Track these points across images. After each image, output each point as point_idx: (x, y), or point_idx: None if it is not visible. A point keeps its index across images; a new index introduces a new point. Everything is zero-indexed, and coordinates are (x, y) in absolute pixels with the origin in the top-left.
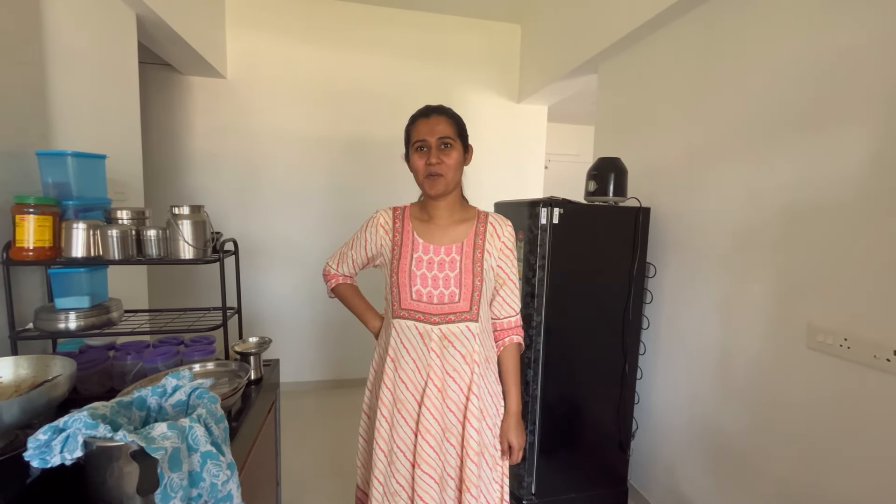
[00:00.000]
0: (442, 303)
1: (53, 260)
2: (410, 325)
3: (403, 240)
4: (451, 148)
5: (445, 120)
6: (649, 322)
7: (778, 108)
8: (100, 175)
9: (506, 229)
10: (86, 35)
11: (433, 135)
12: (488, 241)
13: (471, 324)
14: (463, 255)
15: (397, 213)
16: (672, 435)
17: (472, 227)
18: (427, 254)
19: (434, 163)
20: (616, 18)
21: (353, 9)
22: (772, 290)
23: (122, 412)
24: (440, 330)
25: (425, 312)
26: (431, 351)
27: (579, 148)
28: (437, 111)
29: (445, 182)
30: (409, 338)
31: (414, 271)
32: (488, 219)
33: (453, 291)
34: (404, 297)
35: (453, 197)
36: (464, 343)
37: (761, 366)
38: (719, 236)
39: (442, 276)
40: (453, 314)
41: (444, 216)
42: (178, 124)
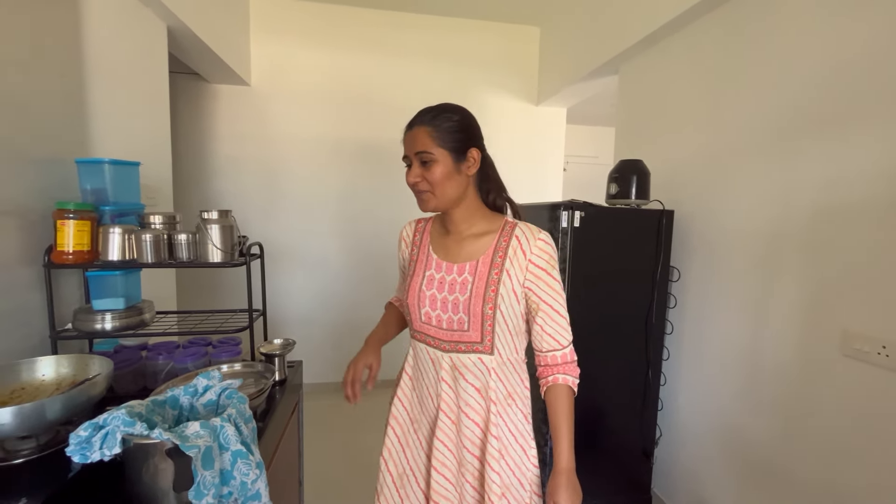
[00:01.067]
0: (451, 329)
1: (91, 263)
2: (423, 348)
3: (420, 255)
4: (432, 163)
5: (424, 131)
6: (673, 327)
7: (805, 106)
8: (134, 181)
9: (535, 244)
10: (121, 47)
11: (412, 149)
12: (510, 258)
13: (484, 356)
14: (476, 276)
15: (419, 226)
16: (697, 442)
17: (492, 242)
18: (440, 272)
19: (411, 182)
20: (637, 19)
21: (373, 14)
22: (803, 294)
23: (157, 410)
24: (450, 359)
25: (435, 338)
26: (442, 381)
27: (598, 150)
28: (418, 121)
29: (433, 198)
30: (423, 361)
31: (424, 291)
32: (514, 231)
33: (462, 318)
34: (415, 319)
35: (468, 207)
36: (477, 376)
37: (792, 373)
38: (746, 239)
39: (451, 298)
40: (463, 343)
41: (462, 229)
42: (204, 131)
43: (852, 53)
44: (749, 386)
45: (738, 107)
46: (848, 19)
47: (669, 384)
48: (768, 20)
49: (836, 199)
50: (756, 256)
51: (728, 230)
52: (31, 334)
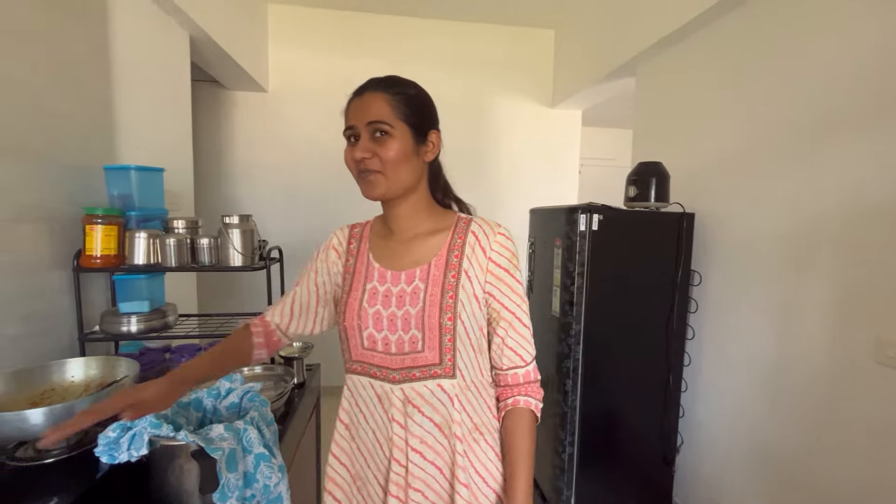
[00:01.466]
0: (402, 352)
1: (118, 267)
2: (365, 383)
3: (357, 265)
4: (389, 136)
5: (382, 98)
6: (694, 332)
7: (833, 106)
8: (158, 187)
9: (495, 238)
10: (146, 57)
11: (363, 118)
12: (468, 257)
13: (444, 381)
14: (429, 280)
15: (355, 231)
16: (720, 451)
17: (445, 240)
18: (384, 283)
19: (359, 157)
20: (655, 19)
21: (388, 21)
22: (834, 299)
23: (181, 412)
24: (402, 391)
25: (382, 366)
26: (393, 421)
27: (614, 152)
28: (373, 85)
29: (385, 181)
30: (366, 399)
31: (366, 309)
32: (470, 226)
33: (414, 336)
34: (354, 346)
35: (415, 201)
36: (437, 409)
37: (823, 381)
38: (773, 242)
39: (401, 313)
40: (417, 368)
41: (407, 228)
42: (223, 137)
43: (886, 48)
44: (776, 394)
45: (763, 107)
46: (881, 12)
47: (691, 390)
48: (793, 17)
49: (869, 200)
50: (783, 260)
51: (753, 233)
52: (60, 336)
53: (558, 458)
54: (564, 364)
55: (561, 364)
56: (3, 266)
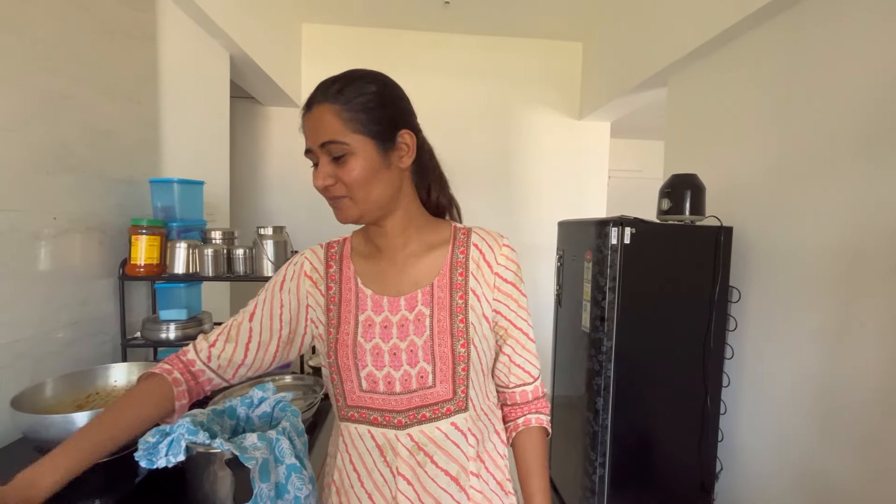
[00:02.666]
0: (409, 389)
1: (159, 276)
2: (363, 431)
3: (342, 294)
4: (347, 155)
5: (332, 111)
6: (733, 351)
7: (880, 114)
8: (198, 199)
9: (501, 252)
10: (190, 76)
11: (316, 139)
12: (473, 274)
13: (458, 417)
14: (434, 304)
15: (332, 252)
16: (763, 479)
17: (445, 257)
18: (380, 312)
19: (319, 186)
20: (687, 30)
21: (416, 36)
22: (888, 319)
23: (216, 420)
24: (410, 436)
25: (384, 410)
26: (398, 475)
27: (642, 163)
28: (320, 95)
29: (355, 205)
30: (362, 453)
31: (361, 344)
32: (471, 239)
33: (423, 370)
34: (350, 389)
35: (402, 215)
36: (452, 455)
37: (874, 405)
38: (816, 259)
39: (405, 345)
40: (427, 407)
41: (397, 245)
42: (257, 150)
43: None
44: (826, 419)
45: (806, 117)
46: None
47: (731, 413)
48: (833, 26)
49: None
50: (833, 278)
51: (796, 249)
52: (105, 341)
53: (588, 479)
54: (595, 381)
55: (591, 381)
56: (55, 273)
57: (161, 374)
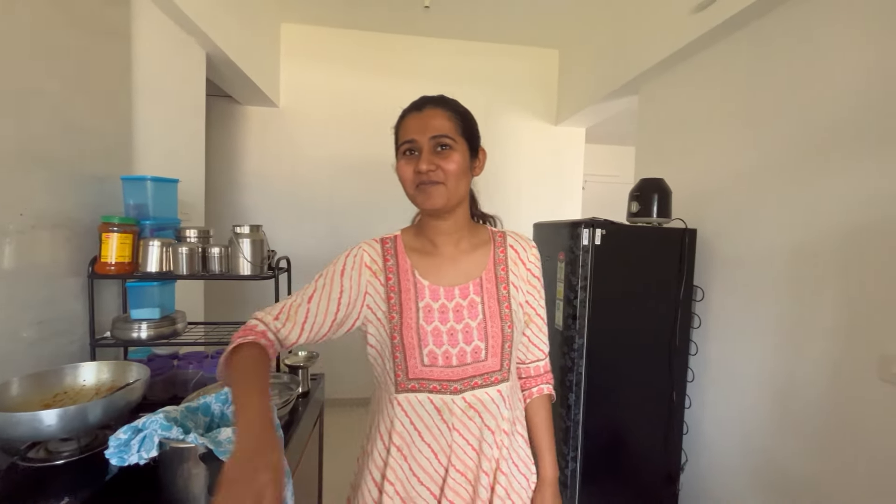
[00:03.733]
0: (464, 363)
1: (131, 274)
2: (423, 398)
3: (402, 284)
4: (451, 150)
5: (444, 114)
6: (697, 348)
7: (835, 126)
8: (172, 197)
9: (531, 252)
10: (165, 73)
11: (425, 133)
12: (512, 270)
13: (503, 385)
14: (484, 293)
15: (387, 247)
16: (726, 469)
17: (489, 255)
18: (437, 299)
19: (424, 169)
20: (657, 41)
21: (396, 40)
22: (838, 316)
23: (190, 416)
24: (464, 399)
25: (442, 380)
26: (453, 430)
27: (617, 168)
28: (432, 102)
29: (446, 192)
30: (423, 416)
31: (423, 326)
32: (507, 240)
33: (477, 346)
34: (413, 365)
35: (461, 216)
36: (493, 413)
37: (827, 398)
38: (774, 259)
39: (461, 327)
40: (479, 376)
41: (450, 242)
42: (234, 149)
43: (887, 71)
44: (781, 412)
45: (765, 126)
46: (882, 36)
47: (695, 407)
48: (795, 40)
49: (871, 219)
50: (787, 277)
51: (755, 249)
52: (72, 341)
53: (561, 473)
54: (568, 378)
55: (564, 378)
56: (20, 271)
57: (257, 341)
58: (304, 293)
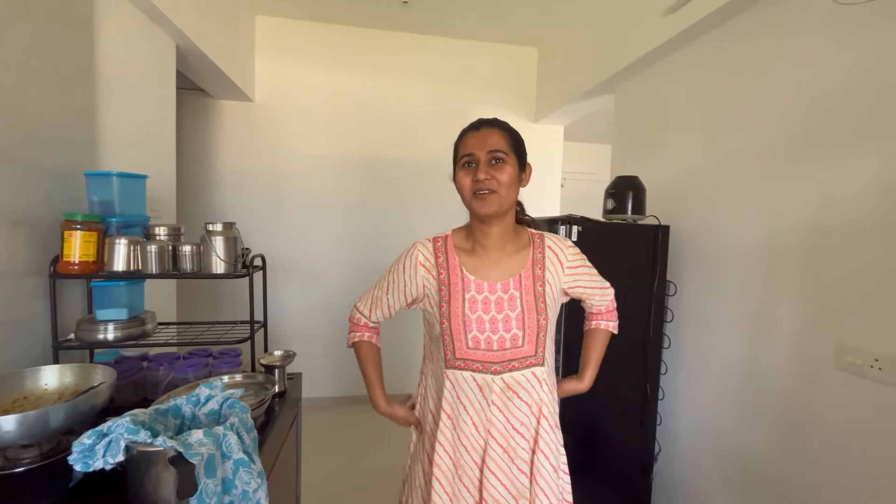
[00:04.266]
0: (503, 348)
1: (96, 273)
2: (468, 376)
3: (451, 278)
4: (504, 163)
5: (498, 133)
6: (670, 341)
7: (797, 127)
8: (140, 194)
9: (568, 252)
10: (132, 64)
11: (483, 148)
12: (548, 269)
13: (537, 369)
14: (522, 289)
15: (439, 245)
16: (696, 457)
17: (528, 255)
18: (481, 292)
19: (482, 178)
20: (632, 41)
21: (374, 35)
22: (799, 309)
23: (159, 419)
24: (503, 380)
25: (484, 361)
26: (493, 405)
27: (595, 166)
28: (488, 123)
29: (499, 199)
30: (467, 391)
31: (468, 315)
32: (545, 242)
33: (516, 334)
34: (459, 347)
35: (508, 222)
36: (530, 392)
37: (788, 387)
38: (743, 255)
39: (501, 317)
40: (517, 360)
41: (497, 245)
42: (208, 145)
43: (852, 73)
44: (747, 401)
45: (732, 127)
46: (848, 39)
47: (668, 399)
48: (764, 41)
49: (828, 217)
50: (752, 272)
51: (724, 246)
52: (34, 343)
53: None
54: None
55: None
56: None
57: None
58: (382, 286)
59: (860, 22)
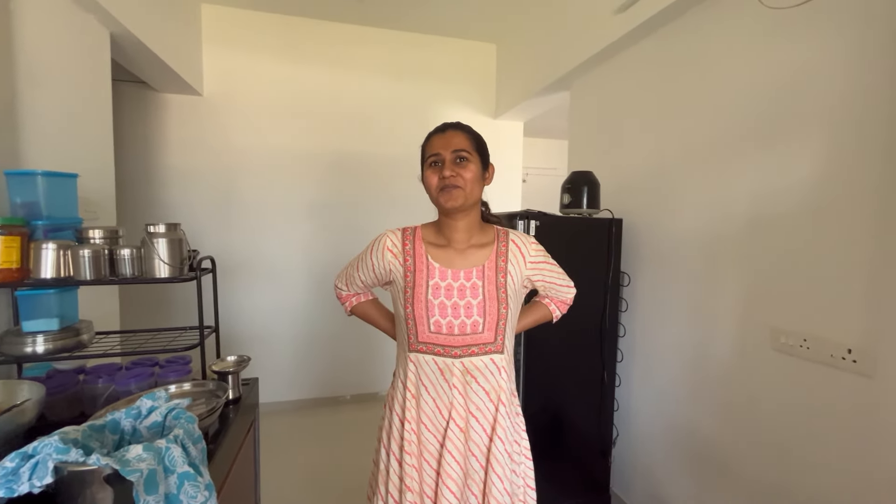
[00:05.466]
0: (464, 333)
1: (21, 282)
2: (429, 359)
3: (416, 265)
4: (468, 161)
5: (462, 134)
6: (625, 329)
7: (735, 124)
8: (71, 194)
9: (531, 247)
10: (57, 52)
11: (448, 148)
12: (511, 262)
13: (496, 356)
14: (485, 279)
15: (407, 235)
16: (651, 440)
17: (492, 248)
18: (445, 279)
19: (448, 175)
20: (586, 39)
21: (330, 27)
22: (739, 296)
23: (95, 436)
24: (462, 364)
25: (445, 345)
26: (454, 387)
27: (557, 161)
28: (453, 126)
29: (464, 194)
30: (429, 373)
31: (431, 300)
32: (509, 236)
33: (476, 321)
34: (421, 330)
35: (473, 217)
36: (488, 378)
37: (731, 369)
38: (689, 246)
39: (463, 303)
40: (476, 346)
41: (463, 239)
42: (152, 141)
43: (776, 74)
44: (696, 385)
45: (676, 123)
46: (778, 42)
47: (624, 385)
48: (701, 45)
49: (761, 210)
50: (697, 261)
51: (672, 237)
52: None
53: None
54: None
55: None
56: None
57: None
58: (354, 264)
59: (788, 26)
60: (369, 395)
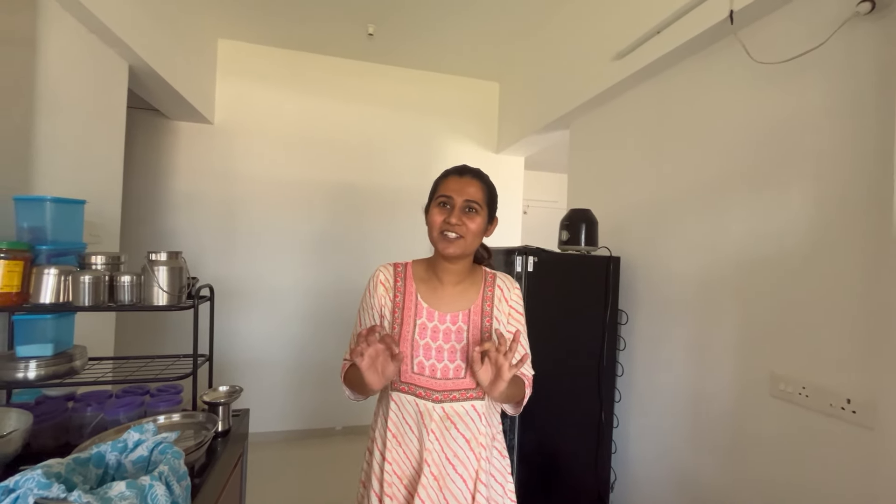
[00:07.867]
0: (446, 377)
1: (19, 306)
2: (410, 400)
3: (406, 302)
4: (476, 213)
5: (478, 184)
6: (623, 369)
7: (728, 167)
8: (77, 220)
9: (513, 291)
10: (77, 83)
11: (461, 195)
12: (496, 306)
13: (477, 402)
14: (470, 324)
15: (398, 271)
16: (651, 485)
17: (479, 292)
18: (432, 320)
19: (454, 223)
20: (585, 81)
21: (339, 63)
22: (736, 338)
23: (79, 470)
24: (442, 409)
25: (426, 388)
26: (430, 433)
27: (557, 195)
28: (471, 172)
29: (464, 244)
30: (408, 415)
31: (417, 340)
32: (496, 281)
33: (459, 365)
34: (405, 370)
35: (467, 262)
36: (468, 425)
37: (730, 413)
38: (685, 286)
39: (447, 347)
40: (458, 391)
41: (453, 281)
42: (161, 167)
43: (766, 122)
44: (695, 427)
45: (672, 164)
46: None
47: (622, 426)
48: (695, 92)
49: (755, 251)
50: (694, 302)
51: (669, 277)
52: None
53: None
54: None
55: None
56: None
57: None
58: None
59: (777, 78)
60: (361, 428)
